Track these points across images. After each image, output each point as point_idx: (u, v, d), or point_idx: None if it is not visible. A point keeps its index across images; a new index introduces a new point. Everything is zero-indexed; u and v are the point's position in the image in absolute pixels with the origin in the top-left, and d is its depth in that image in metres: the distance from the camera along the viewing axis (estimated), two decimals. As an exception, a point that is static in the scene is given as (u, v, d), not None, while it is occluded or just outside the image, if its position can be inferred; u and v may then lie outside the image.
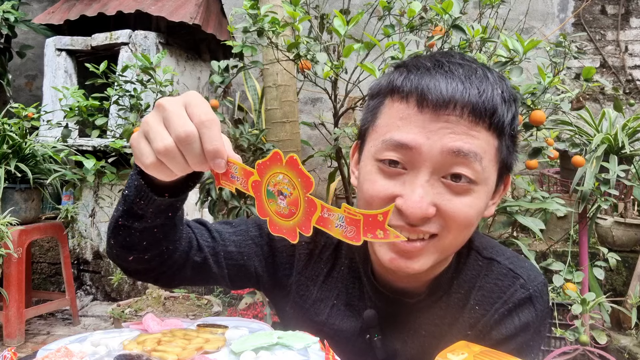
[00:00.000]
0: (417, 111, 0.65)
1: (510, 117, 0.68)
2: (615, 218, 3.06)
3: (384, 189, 0.67)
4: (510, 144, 0.71)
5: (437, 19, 1.82)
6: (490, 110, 0.65)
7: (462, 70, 0.67)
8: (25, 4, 4.70)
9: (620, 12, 4.17)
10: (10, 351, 0.58)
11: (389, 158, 0.66)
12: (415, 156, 0.65)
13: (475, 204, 0.67)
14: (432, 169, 0.64)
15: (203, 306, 3.29)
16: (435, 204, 0.65)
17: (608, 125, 2.27)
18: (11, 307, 2.81)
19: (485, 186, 0.68)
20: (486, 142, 0.66)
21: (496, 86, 0.67)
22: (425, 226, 0.66)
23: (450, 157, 0.64)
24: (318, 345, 0.61)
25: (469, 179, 0.65)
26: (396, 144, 0.65)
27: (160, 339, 0.60)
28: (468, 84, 0.65)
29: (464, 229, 0.68)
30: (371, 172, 0.69)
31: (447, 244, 0.68)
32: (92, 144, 3.47)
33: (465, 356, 0.60)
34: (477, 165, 0.65)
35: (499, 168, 0.70)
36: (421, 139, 0.64)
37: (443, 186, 0.65)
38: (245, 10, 1.87)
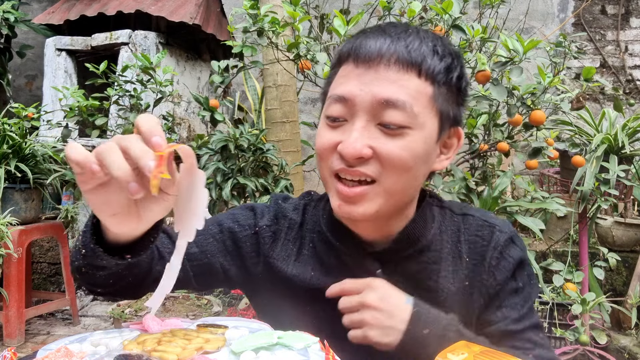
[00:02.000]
0: (354, 67, 0.74)
1: (444, 67, 0.74)
2: (615, 218, 3.06)
3: (329, 139, 0.75)
4: (449, 95, 0.76)
5: (437, 19, 1.82)
6: (418, 59, 0.72)
7: (394, 30, 0.75)
8: (25, 4, 4.70)
9: (620, 12, 4.17)
10: (10, 351, 0.58)
11: (333, 114, 0.74)
12: (351, 106, 0.73)
13: (410, 147, 0.72)
14: (366, 116, 0.72)
15: (203, 306, 3.29)
16: (371, 147, 0.71)
17: (608, 125, 2.27)
18: (11, 307, 2.81)
19: (421, 131, 0.73)
20: (416, 89, 0.72)
21: (427, 41, 0.74)
22: (363, 167, 0.72)
23: (381, 105, 0.71)
24: (318, 345, 0.61)
25: (400, 125, 0.71)
26: (337, 97, 0.74)
27: (160, 339, 0.60)
28: (396, 39, 0.73)
29: (402, 172, 0.73)
30: (321, 129, 0.77)
31: (388, 188, 0.73)
32: (92, 144, 3.47)
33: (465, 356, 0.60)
34: (409, 110, 0.71)
35: (440, 118, 0.75)
36: (355, 90, 0.72)
37: (378, 131, 0.72)
38: (245, 10, 1.87)
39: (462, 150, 2.06)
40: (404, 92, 0.71)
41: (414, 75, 0.72)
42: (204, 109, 2.02)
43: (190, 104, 3.95)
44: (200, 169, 2.15)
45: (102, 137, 2.76)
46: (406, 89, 0.71)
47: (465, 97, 0.81)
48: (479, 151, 1.95)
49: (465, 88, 0.79)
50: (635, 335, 2.68)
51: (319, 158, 0.77)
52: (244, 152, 2.04)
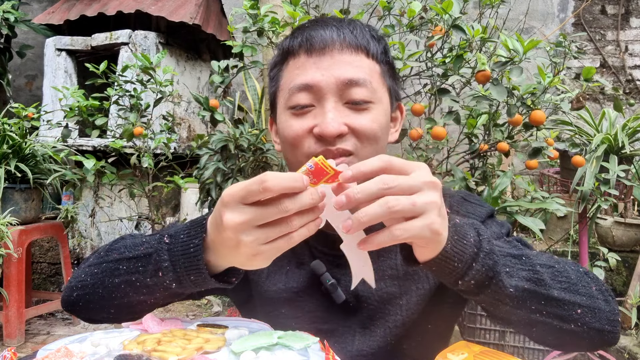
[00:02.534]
0: (307, 57, 0.79)
1: (382, 49, 0.83)
2: (615, 218, 3.06)
3: (301, 126, 0.78)
4: (390, 72, 0.85)
5: (437, 19, 1.82)
6: (364, 43, 0.80)
7: (333, 21, 0.82)
8: (25, 4, 4.70)
9: (620, 12, 4.17)
10: (10, 351, 0.58)
11: (299, 103, 0.78)
12: (317, 91, 0.78)
13: (377, 119, 0.79)
14: (334, 97, 0.77)
15: (203, 306, 3.29)
16: (346, 123, 0.77)
17: (608, 125, 2.27)
18: (11, 307, 2.81)
19: (381, 104, 0.81)
20: (369, 68, 0.80)
21: (363, 27, 0.83)
22: (342, 144, 0.77)
23: (345, 86, 0.77)
24: (318, 345, 0.61)
25: (366, 100, 0.78)
26: (300, 86, 0.78)
27: (160, 339, 0.60)
28: (341, 27, 0.80)
29: (374, 141, 0.79)
30: (287, 120, 0.81)
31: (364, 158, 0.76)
32: (92, 144, 3.47)
33: (465, 356, 0.61)
34: (369, 86, 0.78)
35: (390, 92, 0.84)
36: (317, 76, 0.77)
37: (347, 109, 0.78)
38: (245, 10, 1.87)
39: (462, 150, 2.06)
40: (362, 71, 0.78)
41: (363, 56, 0.80)
42: (204, 109, 2.02)
43: (190, 104, 3.95)
44: (201, 169, 2.13)
45: (102, 137, 2.76)
46: (362, 68, 0.79)
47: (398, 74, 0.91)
48: (479, 151, 1.95)
49: (395, 67, 0.89)
50: (635, 335, 2.68)
51: (292, 147, 0.80)
52: (244, 152, 2.04)
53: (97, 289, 0.73)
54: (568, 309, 0.67)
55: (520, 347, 2.51)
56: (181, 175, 2.68)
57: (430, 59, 1.89)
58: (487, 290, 0.63)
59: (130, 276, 0.69)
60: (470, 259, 0.61)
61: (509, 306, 0.65)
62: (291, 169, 0.84)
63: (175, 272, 0.64)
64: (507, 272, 0.63)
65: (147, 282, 0.67)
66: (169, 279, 0.65)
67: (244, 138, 1.99)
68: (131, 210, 3.62)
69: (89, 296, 0.74)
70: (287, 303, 0.85)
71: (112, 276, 0.71)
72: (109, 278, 0.71)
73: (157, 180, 2.77)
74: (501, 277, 0.62)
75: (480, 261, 0.61)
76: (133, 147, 2.63)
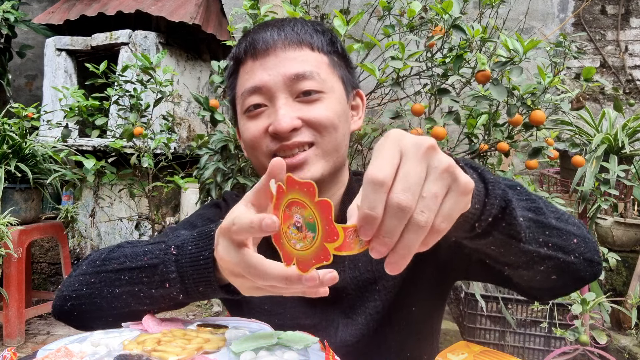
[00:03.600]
0: (254, 61, 0.81)
1: (328, 40, 0.84)
2: (615, 218, 3.06)
3: (257, 127, 0.80)
4: (340, 61, 0.86)
5: (437, 19, 1.82)
6: (307, 38, 0.81)
7: (275, 23, 0.83)
8: (25, 4, 4.70)
9: (620, 12, 4.17)
10: (10, 351, 0.58)
11: (251, 104, 0.80)
12: (267, 92, 0.79)
13: (331, 107, 0.80)
14: (284, 94, 0.78)
15: (203, 306, 3.29)
16: (299, 117, 0.78)
17: (608, 125, 2.27)
18: (11, 307, 2.81)
19: (333, 94, 0.81)
20: (316, 60, 0.81)
21: (306, 23, 0.84)
22: (298, 137, 0.78)
23: (293, 81, 0.78)
24: (318, 345, 0.61)
25: (316, 90, 0.79)
26: (250, 90, 0.80)
27: (160, 339, 0.60)
28: (282, 27, 0.81)
29: (332, 130, 0.80)
30: (245, 124, 0.83)
31: (325, 147, 0.80)
32: (92, 144, 3.47)
33: (465, 356, 0.61)
34: (317, 78, 0.79)
35: (343, 81, 0.85)
36: (265, 77, 0.79)
37: (299, 103, 0.79)
38: (245, 10, 1.87)
39: (462, 150, 2.06)
40: (308, 64, 0.79)
41: (308, 50, 0.81)
42: (204, 109, 2.02)
43: (190, 104, 3.95)
44: (201, 169, 2.12)
45: (102, 137, 2.76)
46: (307, 62, 0.80)
47: (351, 63, 0.90)
48: (479, 151, 1.95)
49: (347, 56, 0.89)
50: (635, 335, 2.68)
51: (252, 148, 0.82)
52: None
53: (95, 299, 0.70)
54: (567, 239, 0.65)
55: (520, 347, 2.51)
56: (181, 175, 2.68)
57: (430, 59, 1.89)
58: (501, 224, 0.58)
59: (133, 287, 0.67)
60: (482, 194, 0.56)
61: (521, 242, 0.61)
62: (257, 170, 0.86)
63: (184, 284, 0.63)
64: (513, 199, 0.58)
65: (152, 293, 0.66)
66: (176, 290, 0.64)
67: (244, 138, 1.99)
68: (131, 210, 3.62)
69: (85, 306, 0.71)
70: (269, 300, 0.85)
71: (112, 286, 0.69)
72: (108, 288, 0.69)
73: (157, 180, 2.77)
74: (513, 204, 0.58)
75: (492, 193, 0.56)
76: (133, 147, 2.63)
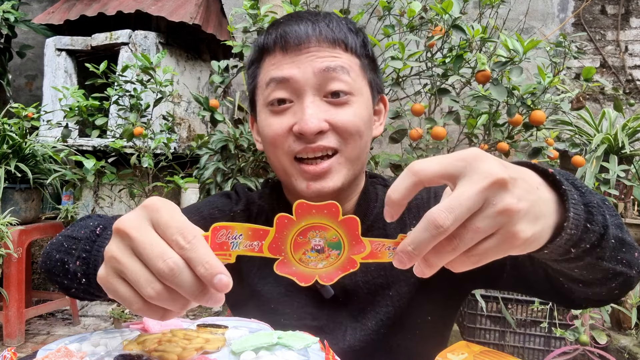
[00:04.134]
0: (283, 54, 0.76)
1: (361, 42, 0.81)
2: (615, 218, 3.06)
3: (280, 125, 0.76)
4: (370, 65, 0.83)
5: (437, 19, 1.82)
6: (342, 36, 0.77)
7: (308, 15, 0.79)
8: (25, 4, 4.70)
9: (620, 12, 4.17)
10: (10, 351, 0.58)
11: (276, 97, 0.76)
12: (294, 85, 0.75)
13: (358, 113, 0.77)
14: (312, 91, 0.75)
15: (203, 306, 3.29)
16: (326, 120, 0.74)
17: (608, 125, 2.27)
18: (11, 307, 2.81)
19: (362, 97, 0.79)
20: (348, 60, 0.77)
21: (340, 20, 0.80)
22: (324, 141, 0.75)
23: (323, 76, 0.74)
24: (318, 345, 0.61)
25: (345, 92, 0.75)
26: (277, 80, 0.76)
27: (161, 339, 0.60)
28: (316, 22, 0.77)
29: (357, 137, 0.77)
30: (266, 119, 0.78)
31: (348, 156, 0.77)
32: (92, 144, 3.47)
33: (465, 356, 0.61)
34: (347, 77, 0.76)
35: (370, 86, 0.82)
36: (293, 70, 0.75)
37: (327, 104, 0.76)
38: (245, 10, 1.87)
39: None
40: (340, 61, 0.76)
41: (341, 50, 0.77)
42: (204, 109, 2.02)
43: (190, 104, 3.95)
44: (201, 169, 2.13)
45: (102, 137, 2.76)
46: (340, 59, 0.76)
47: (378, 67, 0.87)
48: (479, 151, 1.95)
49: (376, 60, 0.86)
50: (635, 335, 2.68)
51: (272, 146, 0.78)
52: (244, 152, 2.04)
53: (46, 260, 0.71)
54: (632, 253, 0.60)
55: (520, 347, 2.51)
56: (181, 175, 2.68)
57: (430, 59, 1.89)
58: (596, 250, 0.53)
59: (63, 256, 0.68)
60: (582, 219, 0.49)
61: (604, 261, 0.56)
62: (273, 167, 0.83)
63: (88, 266, 0.63)
64: (608, 217, 0.54)
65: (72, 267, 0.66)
66: (81, 270, 0.63)
67: (244, 138, 1.99)
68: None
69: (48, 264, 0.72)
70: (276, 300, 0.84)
71: (57, 251, 0.69)
72: (55, 252, 0.70)
73: (157, 180, 2.77)
74: (609, 230, 0.52)
75: (595, 220, 0.51)
76: (133, 147, 2.63)
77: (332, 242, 0.46)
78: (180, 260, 0.44)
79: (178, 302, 0.46)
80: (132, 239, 0.45)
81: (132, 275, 0.45)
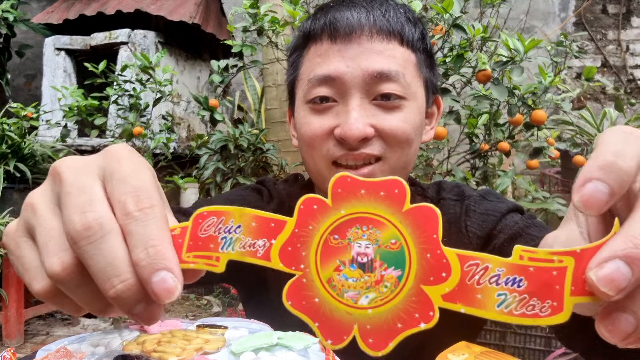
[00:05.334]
0: (331, 43, 0.68)
1: (419, 34, 0.71)
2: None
3: (320, 125, 0.68)
4: (427, 61, 0.74)
5: (437, 18, 1.81)
6: (398, 28, 0.68)
7: (364, 1, 0.70)
8: (24, 3, 4.70)
9: (622, 11, 4.17)
10: (9, 351, 0.57)
11: (318, 95, 0.68)
12: (340, 85, 0.67)
13: (410, 119, 0.68)
14: (360, 93, 0.67)
15: (202, 306, 3.29)
16: (372, 125, 0.67)
17: (609, 125, 2.27)
18: (10, 307, 2.81)
19: (415, 101, 0.70)
20: (403, 58, 0.69)
21: (398, 8, 0.71)
22: (368, 148, 0.67)
23: (374, 79, 0.66)
24: (318, 346, 0.60)
25: (397, 95, 0.67)
26: (321, 78, 0.68)
27: (160, 339, 0.60)
28: (371, 9, 0.69)
29: (405, 145, 0.69)
30: (305, 116, 0.71)
31: (393, 164, 0.69)
32: (91, 143, 3.46)
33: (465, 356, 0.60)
34: (402, 81, 0.67)
35: (426, 86, 0.73)
36: (342, 67, 0.67)
37: (375, 108, 0.68)
38: (245, 10, 1.87)
39: (462, 150, 2.06)
40: (394, 62, 0.67)
41: (397, 44, 0.69)
42: (203, 109, 2.01)
43: (190, 103, 3.95)
44: (200, 169, 2.12)
45: (101, 137, 2.75)
46: (394, 58, 0.68)
47: (436, 63, 0.78)
48: (480, 151, 1.94)
49: (434, 55, 0.78)
50: (636, 336, 2.68)
51: (309, 147, 0.70)
52: (244, 152, 2.03)
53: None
54: None
55: (521, 348, 2.51)
56: (181, 175, 2.67)
57: (430, 58, 1.88)
58: None
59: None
60: None
61: None
62: (307, 169, 0.76)
63: None
64: None
65: None
66: None
67: (244, 138, 1.99)
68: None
69: None
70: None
71: None
72: None
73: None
74: None
75: None
76: (132, 146, 2.63)
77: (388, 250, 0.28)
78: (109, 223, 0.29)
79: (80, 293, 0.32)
80: (62, 183, 0.31)
81: (42, 234, 0.31)
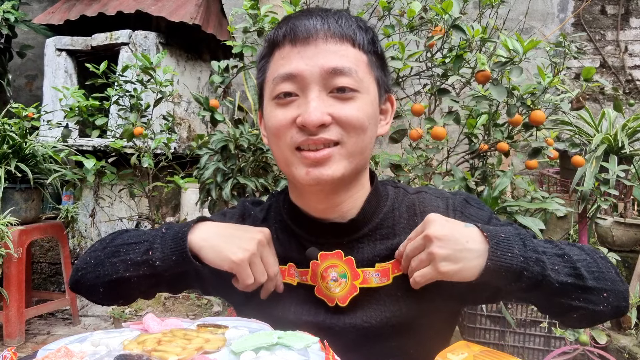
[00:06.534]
0: (292, 47, 0.78)
1: (370, 39, 0.82)
2: (615, 218, 3.06)
3: (284, 117, 0.78)
4: (378, 62, 0.83)
5: (437, 19, 1.82)
6: (350, 32, 0.79)
7: (319, 11, 0.81)
8: (25, 4, 4.70)
9: (620, 12, 4.17)
10: (10, 351, 0.58)
11: (282, 91, 0.78)
12: (301, 81, 0.77)
13: (363, 108, 0.78)
14: (318, 87, 0.76)
15: (203, 306, 3.29)
16: (330, 113, 0.76)
17: (608, 125, 2.27)
18: (11, 307, 2.81)
19: (368, 95, 0.80)
20: (355, 57, 0.78)
21: (350, 17, 0.81)
22: (326, 133, 0.76)
23: (330, 74, 0.76)
24: (318, 345, 0.61)
25: (351, 89, 0.77)
26: (283, 76, 0.77)
27: (161, 339, 0.60)
28: (326, 17, 0.79)
29: (360, 131, 0.78)
30: (272, 111, 0.80)
31: (350, 148, 0.78)
32: (92, 144, 3.47)
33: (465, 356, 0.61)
34: (355, 75, 0.77)
35: (377, 83, 0.83)
36: (301, 65, 0.76)
37: (332, 99, 0.77)
38: (245, 10, 1.87)
39: (462, 150, 2.06)
40: (347, 60, 0.77)
41: (349, 46, 0.78)
42: (204, 109, 2.02)
43: (190, 104, 3.95)
44: (201, 169, 2.12)
45: (102, 137, 2.76)
46: (347, 57, 0.77)
47: (387, 65, 0.88)
48: (479, 151, 1.95)
49: (385, 58, 0.87)
50: (635, 335, 2.68)
51: (276, 137, 0.80)
52: (244, 152, 2.04)
53: (97, 269, 0.82)
54: (598, 294, 0.76)
55: (520, 347, 2.52)
56: (181, 175, 2.68)
57: (430, 59, 1.89)
58: (537, 290, 0.73)
59: (125, 256, 0.81)
60: (519, 268, 0.70)
61: (554, 298, 0.75)
62: (275, 158, 0.84)
63: (163, 252, 0.78)
64: (554, 269, 0.72)
65: (137, 260, 0.79)
66: (155, 256, 0.78)
67: (244, 138, 1.99)
68: (131, 210, 3.62)
69: (89, 274, 0.83)
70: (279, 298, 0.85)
71: (112, 257, 0.82)
72: (108, 258, 0.82)
73: (157, 180, 2.78)
74: (550, 277, 0.71)
75: (530, 269, 0.70)
76: (133, 147, 2.63)
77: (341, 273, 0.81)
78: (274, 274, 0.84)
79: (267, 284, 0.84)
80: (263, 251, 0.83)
81: (256, 266, 0.81)
